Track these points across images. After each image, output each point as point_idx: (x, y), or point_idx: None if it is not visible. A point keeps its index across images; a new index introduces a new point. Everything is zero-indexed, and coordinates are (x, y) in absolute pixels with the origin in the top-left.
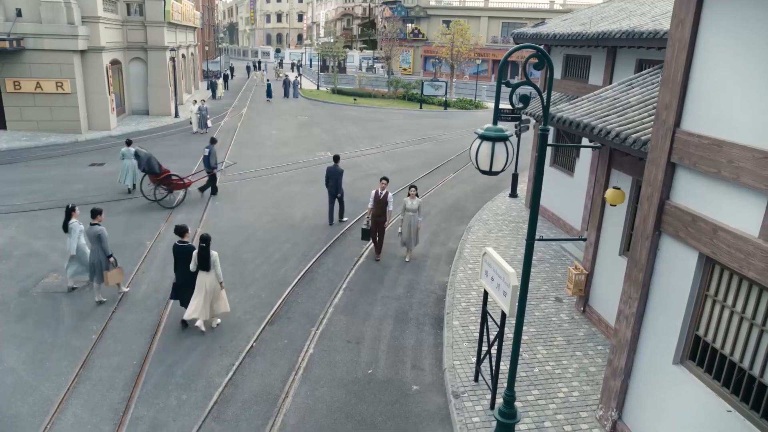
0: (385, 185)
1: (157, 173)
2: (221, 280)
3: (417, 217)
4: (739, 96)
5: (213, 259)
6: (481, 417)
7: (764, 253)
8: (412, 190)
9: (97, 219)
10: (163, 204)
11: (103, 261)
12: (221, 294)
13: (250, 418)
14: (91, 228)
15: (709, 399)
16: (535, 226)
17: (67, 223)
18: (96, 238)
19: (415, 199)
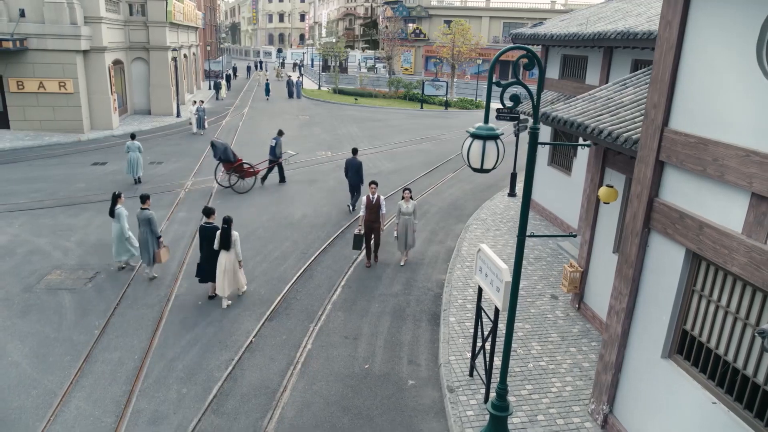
0: (375, 189)
1: (232, 162)
2: (240, 259)
3: (413, 220)
4: (723, 96)
5: (234, 239)
6: (475, 411)
7: (747, 249)
8: (406, 193)
9: (146, 204)
10: (236, 189)
11: (153, 241)
12: (239, 273)
13: (249, 411)
14: (141, 212)
15: (696, 392)
16: (526, 222)
17: (113, 209)
18: (146, 221)
19: (410, 201)
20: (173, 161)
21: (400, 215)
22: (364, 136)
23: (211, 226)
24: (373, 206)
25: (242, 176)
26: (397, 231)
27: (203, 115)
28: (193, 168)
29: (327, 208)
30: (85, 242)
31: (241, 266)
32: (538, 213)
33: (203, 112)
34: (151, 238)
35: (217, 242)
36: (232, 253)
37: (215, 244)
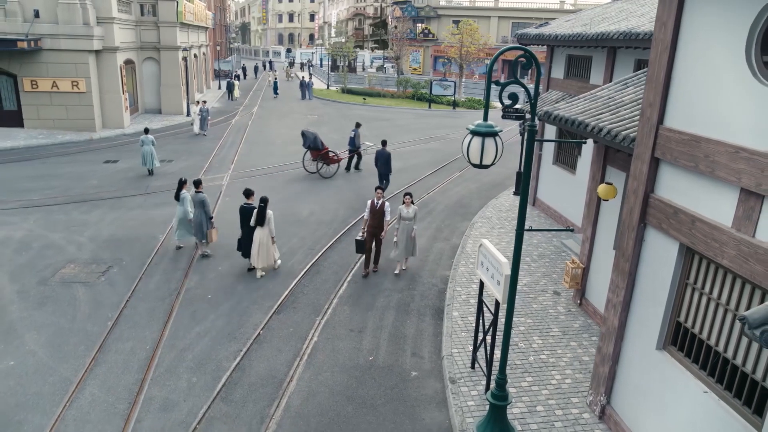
0: (380, 194)
1: (320, 150)
2: (273, 235)
3: (413, 226)
4: (715, 94)
5: (268, 217)
6: (476, 401)
7: (736, 242)
8: (407, 198)
9: (200, 188)
10: (322, 174)
11: (205, 222)
12: (273, 248)
13: (257, 399)
14: (196, 195)
15: (688, 381)
16: (524, 216)
17: (178, 193)
18: (200, 203)
19: (411, 206)
20: (183, 159)
21: (400, 220)
22: (371, 135)
23: (249, 206)
24: (377, 211)
25: (327, 163)
26: (396, 236)
27: (207, 116)
28: (203, 166)
29: (334, 206)
30: (98, 237)
31: (274, 242)
32: (543, 211)
33: (207, 113)
34: (204, 218)
35: (254, 219)
36: (266, 229)
37: (251, 221)
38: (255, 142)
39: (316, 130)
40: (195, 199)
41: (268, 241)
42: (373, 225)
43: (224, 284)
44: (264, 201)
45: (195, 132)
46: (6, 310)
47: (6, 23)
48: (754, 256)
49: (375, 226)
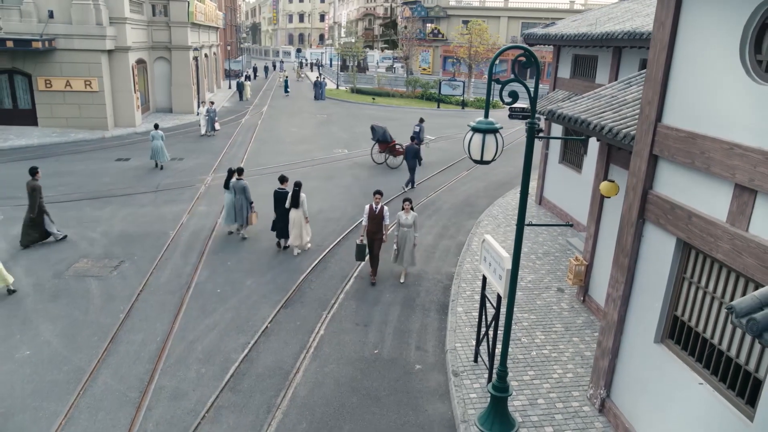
0: (379, 199)
1: (388, 142)
2: (306, 216)
3: (413, 233)
4: (710, 92)
5: (302, 200)
6: (478, 393)
7: (730, 236)
8: (406, 204)
9: (241, 176)
10: (389, 164)
11: (246, 207)
12: (306, 228)
13: (264, 389)
14: (237, 182)
15: (684, 373)
16: (524, 211)
17: (228, 182)
18: (242, 189)
19: (410, 213)
20: (194, 158)
21: (399, 227)
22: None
23: (283, 191)
24: (376, 216)
25: (393, 155)
26: (396, 244)
27: (214, 117)
28: (213, 164)
29: (342, 204)
30: (110, 233)
31: (307, 221)
32: (550, 210)
33: (214, 114)
34: (245, 204)
35: (289, 201)
36: (301, 211)
37: (287, 203)
38: (265, 141)
39: (326, 129)
40: (236, 186)
41: (302, 220)
42: (372, 230)
43: (233, 279)
44: (298, 185)
45: (202, 133)
46: (22, 303)
47: (21, 24)
48: (747, 250)
49: (374, 232)
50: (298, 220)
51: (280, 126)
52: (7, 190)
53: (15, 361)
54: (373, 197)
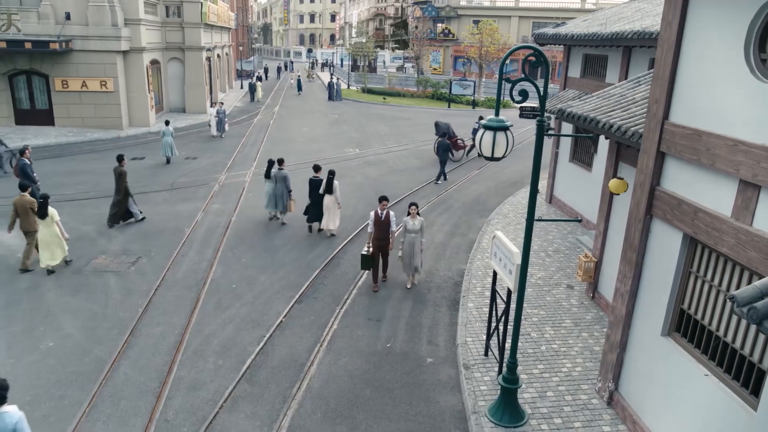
0: (385, 205)
1: (451, 138)
2: (339, 202)
3: (420, 239)
4: (715, 91)
5: (335, 187)
6: (489, 386)
7: (735, 231)
8: (412, 209)
9: (282, 165)
10: (452, 159)
11: (286, 194)
12: (337, 214)
13: (279, 381)
14: (279, 171)
15: (691, 365)
16: (534, 206)
17: (269, 171)
18: (282, 178)
19: (417, 218)
20: (207, 157)
21: (405, 233)
22: (391, 134)
23: (317, 179)
24: (382, 223)
25: (455, 149)
26: (402, 250)
27: (224, 118)
28: (227, 163)
29: (354, 201)
30: (127, 230)
31: (339, 207)
32: (560, 209)
33: (224, 115)
34: (285, 191)
35: (323, 188)
36: (333, 197)
37: (321, 189)
38: (277, 141)
39: (337, 128)
40: (278, 175)
41: (335, 206)
42: (378, 237)
43: (248, 275)
44: (332, 173)
45: (212, 134)
46: (44, 297)
47: (39, 25)
48: (751, 244)
49: (380, 239)
50: (331, 205)
51: (292, 126)
52: None
53: (39, 352)
54: (378, 203)
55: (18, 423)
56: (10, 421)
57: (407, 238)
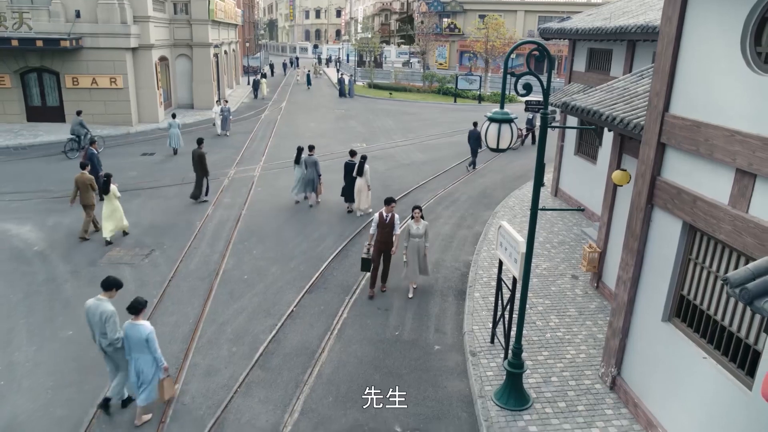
0: (392, 208)
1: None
2: (369, 184)
3: (424, 243)
4: (713, 83)
5: (365, 170)
6: (495, 372)
7: (731, 218)
8: (416, 212)
9: (312, 152)
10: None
11: (316, 178)
12: (367, 195)
13: (291, 367)
14: (309, 157)
15: (690, 349)
16: (538, 196)
17: (299, 157)
18: (313, 163)
19: (421, 222)
20: (216, 152)
21: (409, 238)
22: (398, 128)
23: (352, 163)
24: (386, 225)
25: None
26: (405, 256)
27: (228, 116)
28: (235, 158)
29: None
30: (140, 224)
31: (369, 189)
32: (565, 201)
33: (228, 113)
34: (315, 176)
35: (356, 171)
36: (364, 179)
37: (354, 172)
38: (284, 136)
39: (344, 123)
40: (308, 160)
41: (364, 187)
42: (381, 240)
43: (259, 267)
44: (364, 158)
45: (218, 132)
46: (62, 288)
47: (50, 23)
48: (747, 230)
49: (384, 242)
50: (361, 186)
51: (299, 121)
52: (41, 184)
53: (60, 340)
54: (384, 205)
55: (149, 335)
56: (143, 331)
57: (411, 243)
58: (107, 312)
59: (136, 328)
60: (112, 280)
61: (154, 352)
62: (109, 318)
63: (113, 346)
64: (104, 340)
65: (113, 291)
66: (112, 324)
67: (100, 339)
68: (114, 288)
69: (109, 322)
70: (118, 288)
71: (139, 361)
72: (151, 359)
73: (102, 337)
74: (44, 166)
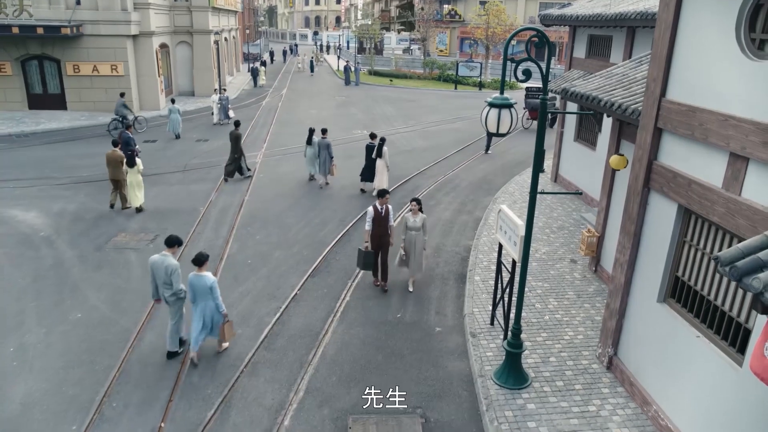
0: (385, 201)
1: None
2: (387, 165)
3: (422, 237)
4: (709, 69)
5: (384, 151)
6: (494, 352)
7: (725, 200)
8: (414, 205)
9: (325, 134)
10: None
11: (328, 160)
12: (386, 174)
13: (296, 348)
14: (322, 140)
15: (684, 329)
16: (537, 179)
17: (310, 138)
18: (326, 146)
19: (419, 215)
20: (217, 139)
21: (406, 230)
22: (398, 115)
23: (372, 145)
24: (382, 219)
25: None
26: (402, 249)
27: (227, 104)
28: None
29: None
30: (144, 210)
31: (388, 170)
32: (565, 187)
33: (227, 101)
34: (328, 158)
35: (375, 152)
36: (383, 161)
37: (373, 154)
38: (285, 123)
39: (344, 110)
40: (321, 143)
41: (384, 168)
42: (378, 234)
43: (262, 251)
44: (383, 140)
45: (214, 122)
46: (69, 272)
47: (50, 11)
48: (740, 212)
49: (381, 235)
50: (381, 167)
51: (300, 108)
52: (44, 171)
53: (69, 323)
54: (378, 198)
55: (213, 283)
56: (207, 281)
57: (408, 236)
58: (172, 265)
59: (201, 278)
60: (174, 238)
61: (216, 299)
62: (174, 271)
63: (176, 296)
64: (168, 290)
65: (175, 247)
66: (176, 276)
67: (163, 290)
68: (176, 245)
69: (174, 274)
70: (179, 245)
71: (205, 308)
72: (214, 305)
73: (166, 288)
74: (48, 153)
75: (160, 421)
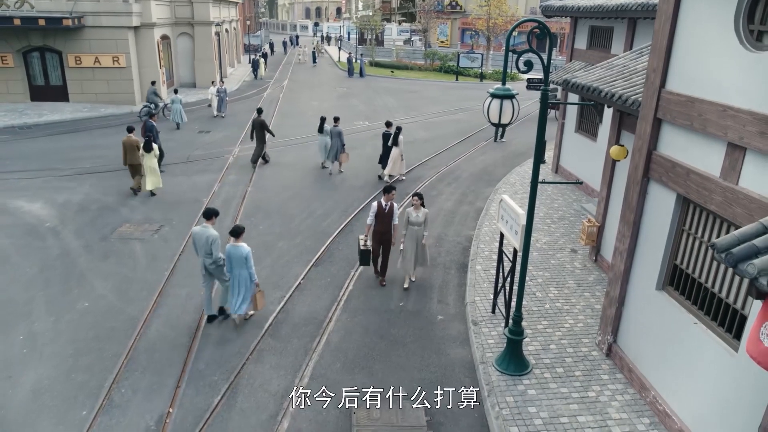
0: (391, 197)
1: None
2: (402, 153)
3: (423, 232)
4: (708, 60)
5: (399, 140)
6: (495, 340)
7: (722, 190)
8: (416, 200)
9: (337, 123)
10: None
11: (340, 148)
12: (401, 162)
13: (300, 336)
14: (334, 128)
15: (681, 315)
16: (538, 170)
17: (322, 126)
18: (338, 134)
19: (421, 210)
20: (219, 130)
21: (408, 226)
22: (399, 107)
23: (388, 133)
24: (385, 215)
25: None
26: (403, 244)
27: (225, 97)
28: (239, 136)
29: (364, 173)
30: (148, 201)
31: (402, 158)
32: (566, 178)
33: (225, 93)
34: (339, 145)
35: (391, 140)
36: (398, 149)
37: (389, 142)
38: (287, 114)
39: (346, 102)
40: (333, 131)
41: (398, 156)
42: (380, 231)
43: (266, 241)
44: (399, 128)
45: (214, 114)
46: (76, 262)
47: (52, 2)
48: (737, 201)
49: (383, 232)
50: (395, 155)
51: (301, 99)
52: (48, 162)
53: (77, 312)
54: (384, 194)
55: (248, 253)
56: (243, 251)
57: (409, 231)
58: (212, 236)
59: (238, 248)
60: (212, 210)
61: (250, 269)
62: (213, 241)
63: (216, 264)
64: (208, 259)
65: (213, 219)
66: (216, 246)
67: (204, 259)
68: (214, 216)
69: (214, 244)
70: (216, 216)
71: (240, 277)
72: (248, 275)
73: (206, 257)
74: (51, 145)
75: (168, 406)
